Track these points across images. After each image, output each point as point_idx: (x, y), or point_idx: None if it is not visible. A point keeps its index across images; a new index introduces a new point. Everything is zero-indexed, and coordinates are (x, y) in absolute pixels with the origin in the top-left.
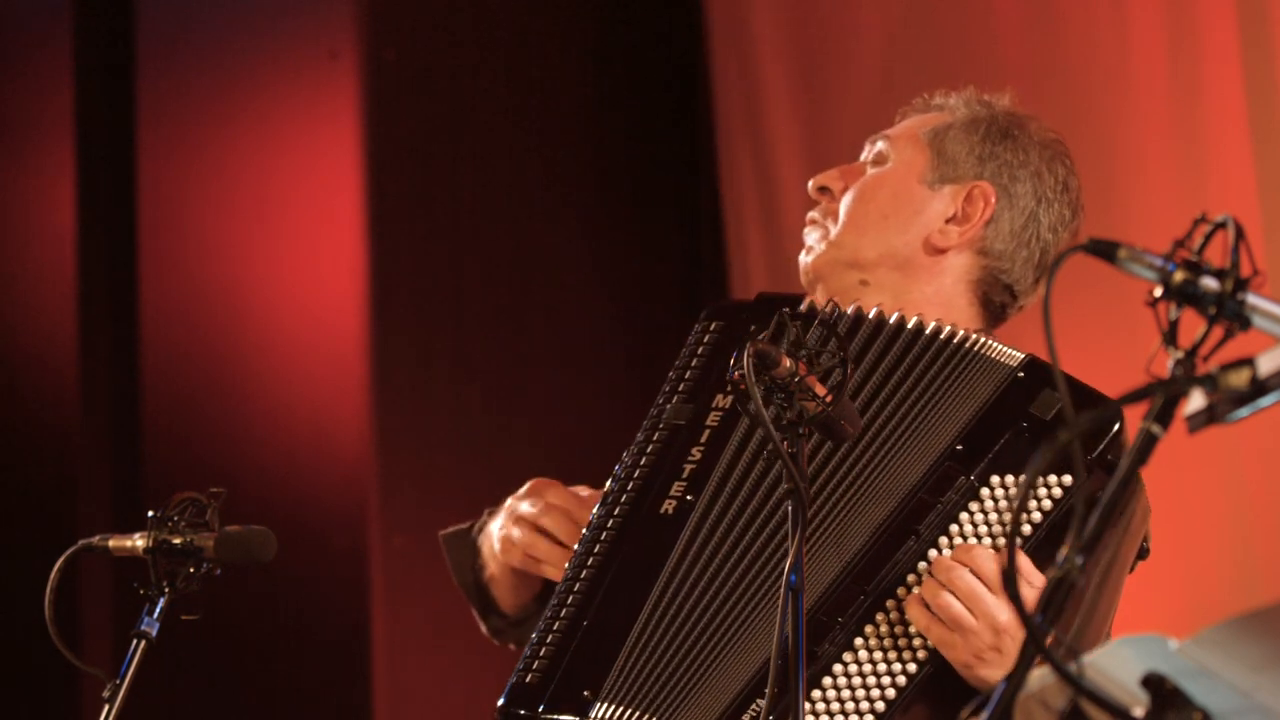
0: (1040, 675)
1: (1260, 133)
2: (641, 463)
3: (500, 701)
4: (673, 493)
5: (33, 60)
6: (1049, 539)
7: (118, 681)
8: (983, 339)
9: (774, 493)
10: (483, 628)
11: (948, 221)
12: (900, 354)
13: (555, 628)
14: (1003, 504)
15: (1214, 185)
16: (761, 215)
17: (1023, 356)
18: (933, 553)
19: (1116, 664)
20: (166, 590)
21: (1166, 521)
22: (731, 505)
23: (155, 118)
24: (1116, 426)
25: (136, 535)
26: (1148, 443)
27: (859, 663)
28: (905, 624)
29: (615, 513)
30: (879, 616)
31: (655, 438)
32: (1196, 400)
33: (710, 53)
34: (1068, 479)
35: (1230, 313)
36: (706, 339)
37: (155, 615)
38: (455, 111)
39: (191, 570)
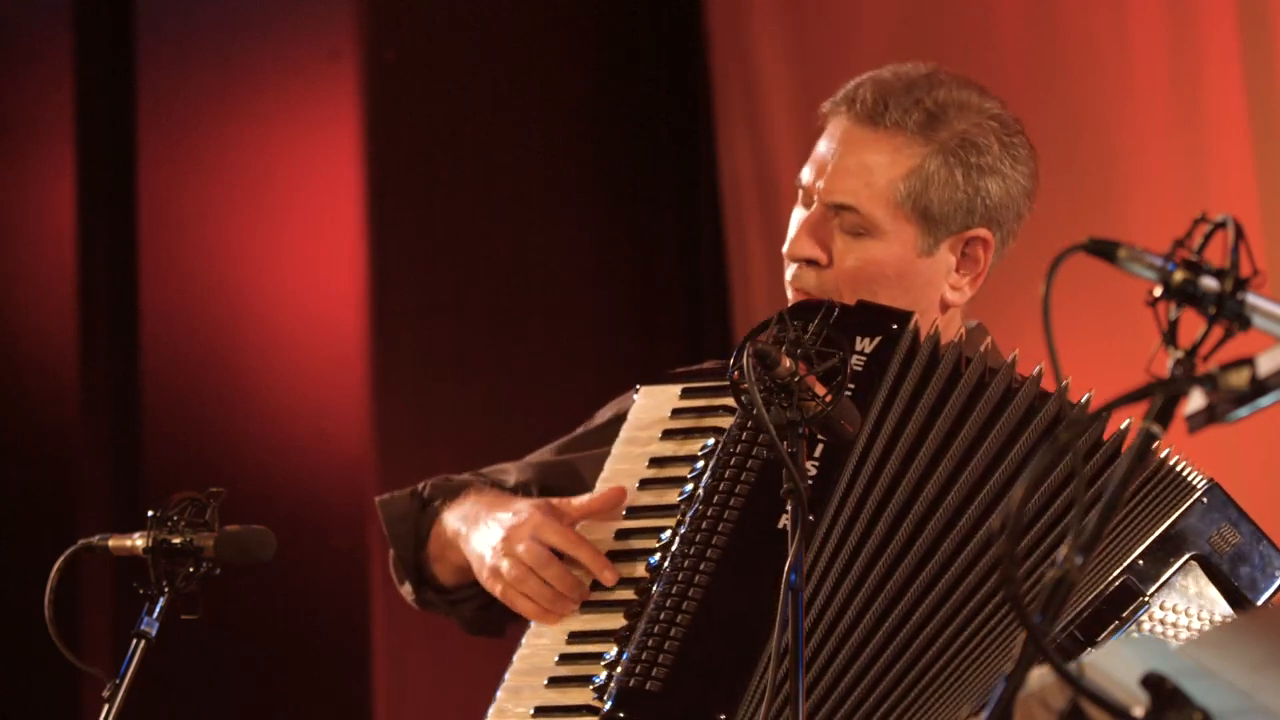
0: (1040, 675)
1: (1260, 133)
2: (750, 466)
3: (608, 706)
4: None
5: (33, 60)
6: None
7: (118, 681)
8: (1172, 452)
9: (907, 516)
10: (408, 595)
11: (956, 272)
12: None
13: (671, 633)
14: (1170, 632)
15: (1214, 185)
16: (761, 216)
17: (1206, 480)
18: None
19: (1116, 664)
20: (166, 590)
21: None
22: (854, 529)
23: (155, 118)
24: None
25: (136, 535)
26: (1147, 443)
27: None
28: None
29: (725, 516)
30: None
31: (754, 438)
32: (1196, 400)
33: (710, 52)
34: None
35: (1230, 313)
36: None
37: (155, 615)
38: (455, 111)
39: (191, 570)
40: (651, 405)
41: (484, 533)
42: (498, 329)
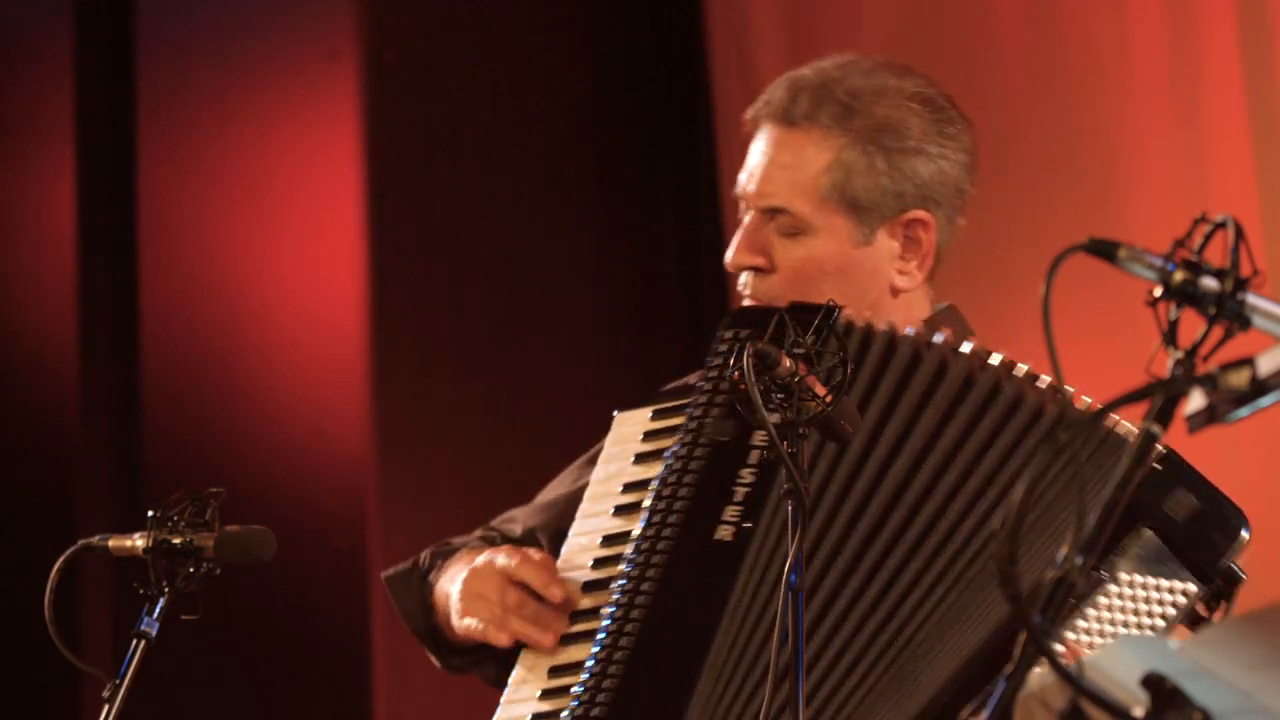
0: (1040, 675)
1: (1260, 133)
2: (686, 481)
3: None
4: (727, 518)
5: (33, 60)
6: None
7: (118, 681)
8: (1123, 420)
9: (842, 518)
10: (435, 663)
11: (901, 258)
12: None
13: (616, 657)
14: (1129, 604)
15: (1214, 185)
16: None
17: (1163, 449)
18: (1059, 648)
19: (1116, 664)
20: (166, 590)
21: None
22: (774, 531)
23: (155, 118)
24: (1244, 534)
25: (136, 535)
26: (1147, 443)
27: None
28: None
29: (665, 534)
30: None
31: (698, 454)
32: (1196, 400)
33: (710, 52)
34: (1193, 588)
35: (1230, 313)
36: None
37: (155, 615)
38: (455, 111)
39: (191, 570)
40: (625, 431)
41: (458, 584)
42: (498, 329)
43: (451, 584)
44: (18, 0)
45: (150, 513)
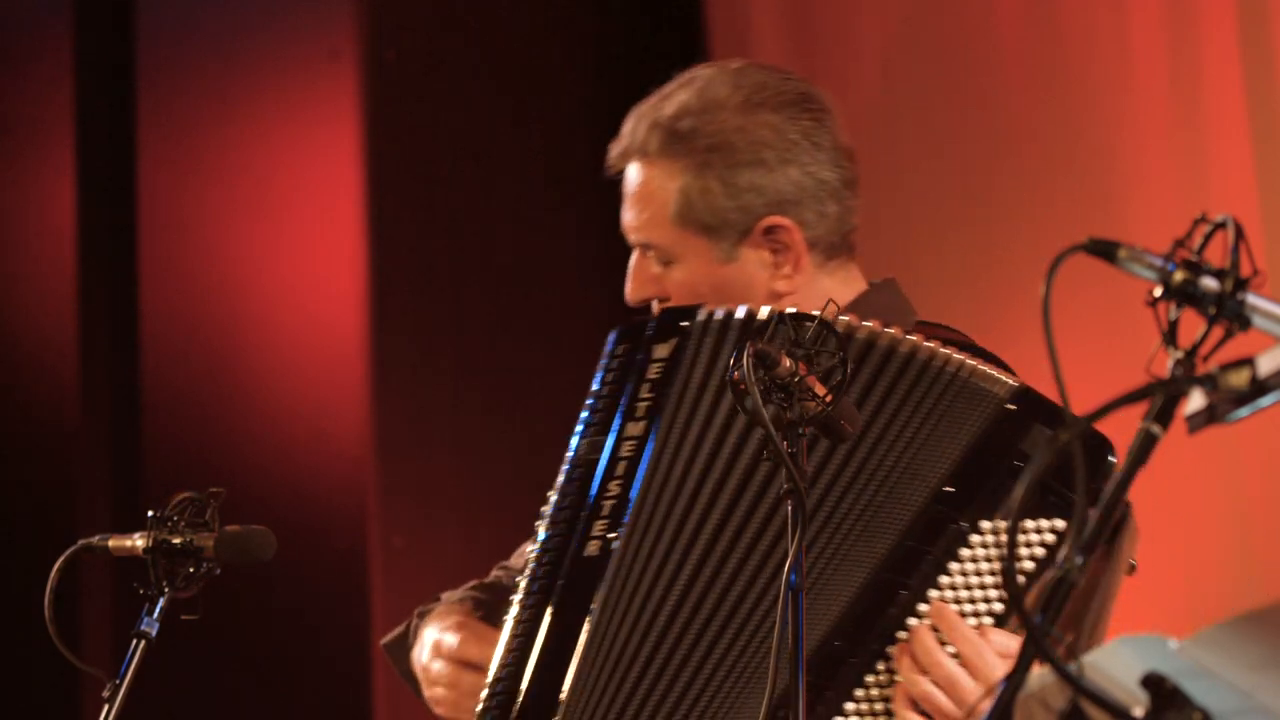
0: (1040, 675)
1: (1260, 133)
2: (563, 504)
3: None
4: (594, 533)
5: (33, 60)
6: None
7: (118, 681)
8: (968, 363)
9: (688, 521)
10: None
11: (774, 265)
12: (890, 383)
13: (498, 689)
14: (994, 551)
15: (1214, 185)
16: None
17: (1014, 385)
18: (923, 607)
19: (1116, 664)
20: (166, 590)
21: (1167, 522)
22: (641, 539)
23: (155, 117)
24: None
25: (136, 535)
26: (1147, 443)
27: None
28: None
29: (545, 560)
30: (869, 679)
31: (572, 475)
32: (1196, 400)
33: (710, 53)
34: (1060, 523)
35: (1230, 313)
36: (613, 364)
37: (155, 615)
38: (455, 111)
39: (191, 570)
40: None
41: (421, 665)
42: (498, 329)
43: (420, 658)
44: (18, 0)
45: (150, 513)
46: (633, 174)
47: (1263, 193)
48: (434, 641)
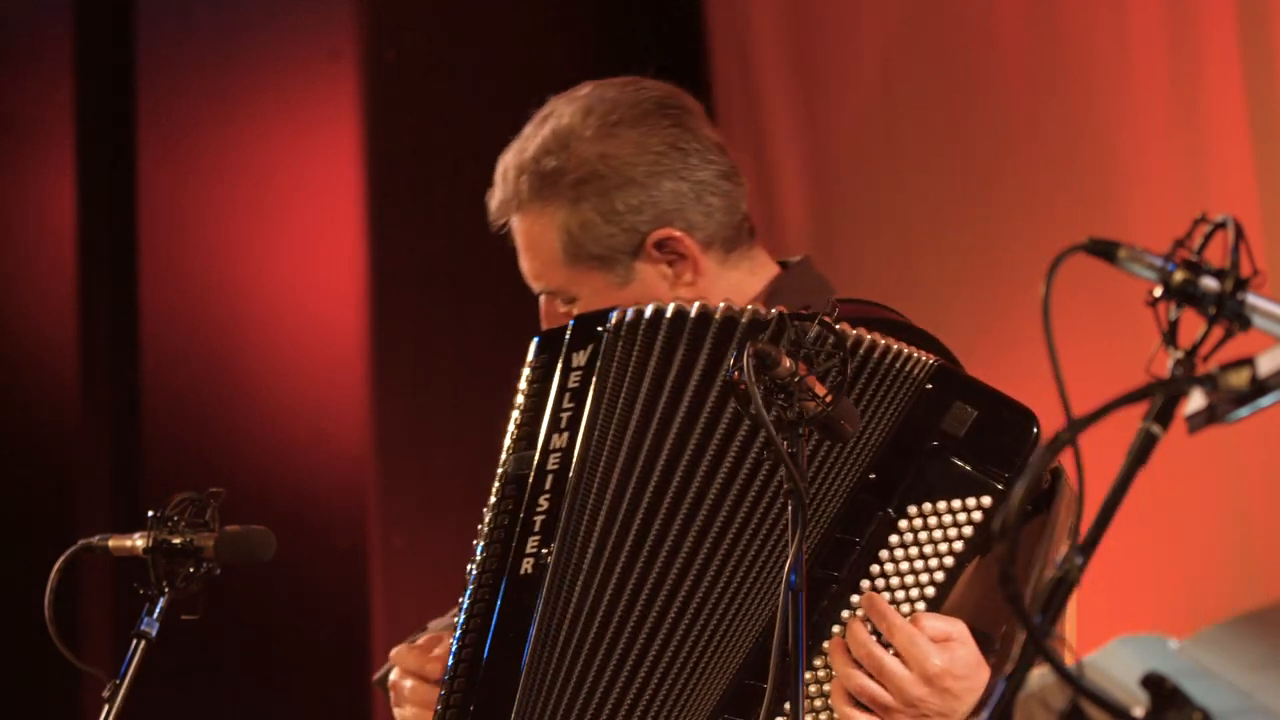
0: (1040, 675)
1: (1260, 133)
2: (498, 521)
3: None
4: (529, 549)
5: (33, 60)
6: (962, 570)
7: (118, 681)
8: (882, 343)
9: (624, 530)
10: None
11: (673, 275)
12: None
13: (446, 717)
14: (923, 535)
15: (1214, 185)
16: (760, 216)
17: (932, 364)
18: (855, 598)
19: (1116, 664)
20: (166, 590)
21: (1166, 521)
22: (573, 552)
23: (155, 118)
24: (1034, 431)
25: (136, 535)
26: (1147, 443)
27: None
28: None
29: (483, 581)
30: (806, 676)
31: (505, 492)
32: (1196, 400)
33: (710, 53)
34: (987, 500)
35: (1230, 313)
36: (534, 375)
37: (155, 615)
38: (455, 111)
39: (191, 570)
40: None
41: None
42: (498, 329)
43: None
44: (18, 0)
45: (150, 513)
46: (516, 225)
47: (1263, 193)
48: (393, 658)
